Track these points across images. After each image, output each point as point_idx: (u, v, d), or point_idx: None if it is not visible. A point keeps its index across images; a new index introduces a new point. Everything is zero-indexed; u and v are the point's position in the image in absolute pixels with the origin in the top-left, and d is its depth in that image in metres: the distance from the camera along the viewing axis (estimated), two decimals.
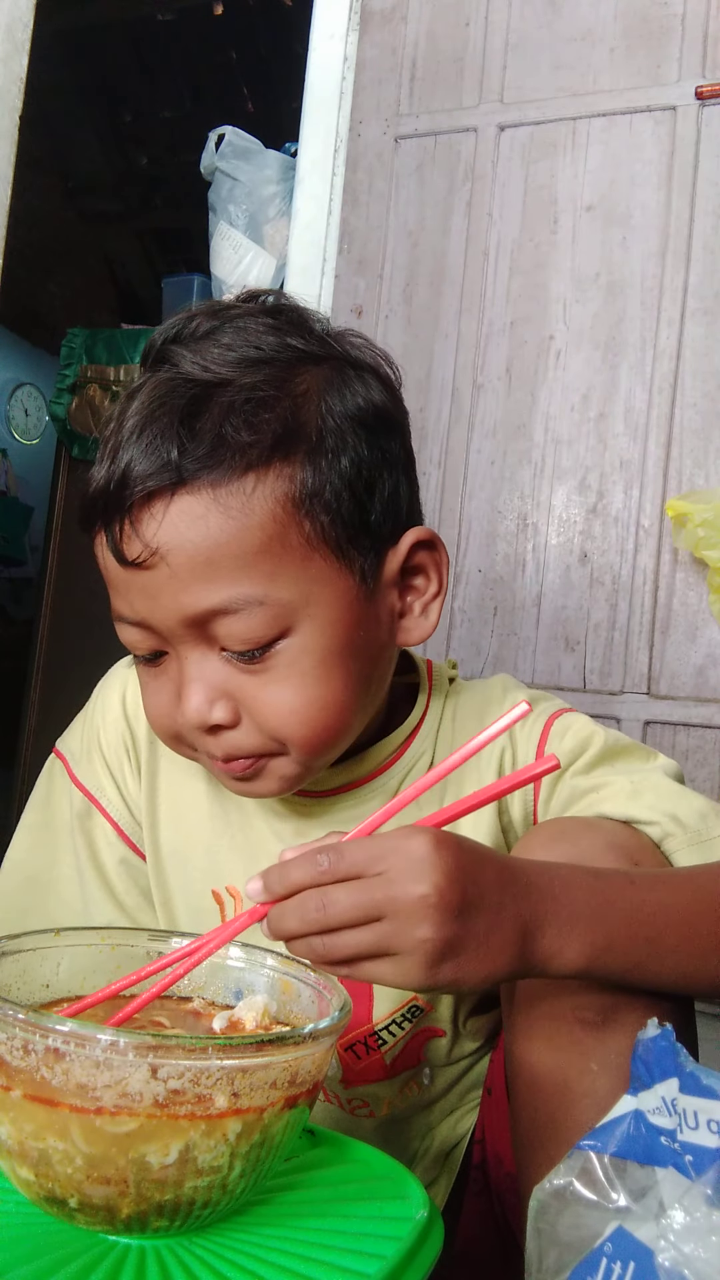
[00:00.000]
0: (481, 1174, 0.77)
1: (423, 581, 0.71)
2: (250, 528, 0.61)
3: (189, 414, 0.61)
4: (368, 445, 0.66)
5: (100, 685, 0.84)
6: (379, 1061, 0.78)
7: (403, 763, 0.76)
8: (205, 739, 0.66)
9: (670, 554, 1.56)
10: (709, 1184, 0.47)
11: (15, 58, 1.66)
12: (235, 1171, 0.47)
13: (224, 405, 0.62)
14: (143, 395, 0.63)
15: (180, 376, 0.63)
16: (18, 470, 4.25)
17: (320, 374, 0.66)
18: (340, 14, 1.89)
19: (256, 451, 0.62)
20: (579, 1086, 0.60)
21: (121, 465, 0.62)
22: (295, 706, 0.64)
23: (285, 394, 0.64)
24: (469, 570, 1.69)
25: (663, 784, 0.71)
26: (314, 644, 0.64)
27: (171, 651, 0.65)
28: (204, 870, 0.78)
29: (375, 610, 0.68)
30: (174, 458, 0.60)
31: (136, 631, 0.66)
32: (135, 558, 0.62)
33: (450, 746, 0.77)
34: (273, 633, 0.63)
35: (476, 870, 0.54)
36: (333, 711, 0.65)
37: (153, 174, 3.65)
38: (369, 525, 0.67)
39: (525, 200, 1.71)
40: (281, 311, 0.69)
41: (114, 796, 0.80)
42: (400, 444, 0.71)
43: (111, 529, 0.63)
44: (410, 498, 0.72)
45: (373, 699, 0.71)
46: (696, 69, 1.61)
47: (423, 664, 0.81)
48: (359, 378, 0.69)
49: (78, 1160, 0.45)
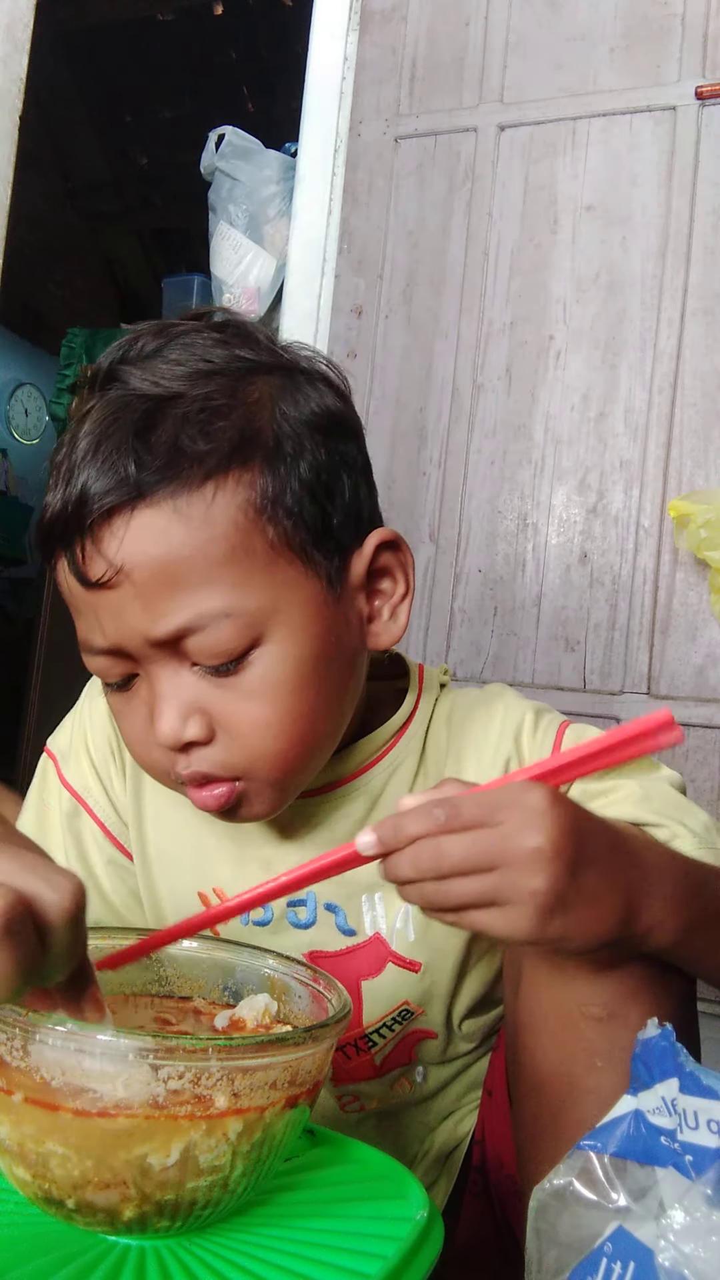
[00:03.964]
0: (481, 1175, 0.77)
1: (389, 584, 0.71)
2: (214, 537, 0.61)
3: (143, 428, 0.61)
4: (325, 449, 0.66)
5: (89, 685, 0.84)
6: (368, 1061, 0.78)
7: (387, 762, 0.76)
8: (178, 758, 0.65)
9: (670, 554, 1.56)
10: (709, 1184, 0.47)
11: (15, 58, 1.66)
12: (237, 1171, 0.47)
13: (178, 417, 0.61)
14: (93, 415, 0.63)
15: (131, 393, 0.63)
16: (18, 470, 4.26)
17: (272, 382, 0.66)
18: (340, 14, 1.89)
19: (214, 460, 0.61)
20: (585, 1082, 0.60)
21: (78, 486, 0.61)
22: (270, 718, 0.64)
23: (239, 402, 0.64)
24: (469, 570, 1.69)
25: (670, 793, 0.71)
26: (286, 652, 0.64)
27: (142, 672, 0.65)
28: (191, 871, 0.78)
29: (344, 615, 0.68)
30: (131, 472, 0.60)
31: (105, 659, 0.65)
32: (99, 578, 0.61)
33: (443, 749, 0.77)
34: (244, 644, 0.62)
35: (590, 830, 0.55)
36: (307, 721, 0.65)
37: (153, 174, 3.65)
38: (331, 529, 0.66)
39: (525, 200, 1.71)
40: (227, 326, 0.69)
41: (100, 797, 0.80)
42: (357, 447, 0.71)
43: (72, 551, 0.62)
44: (371, 501, 0.71)
45: (347, 706, 0.70)
46: (696, 69, 1.61)
47: (414, 667, 0.81)
48: (310, 384, 0.68)
49: (78, 1163, 0.45)
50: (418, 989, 0.76)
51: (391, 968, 0.75)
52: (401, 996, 0.76)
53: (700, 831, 0.68)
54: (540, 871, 0.52)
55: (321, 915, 0.75)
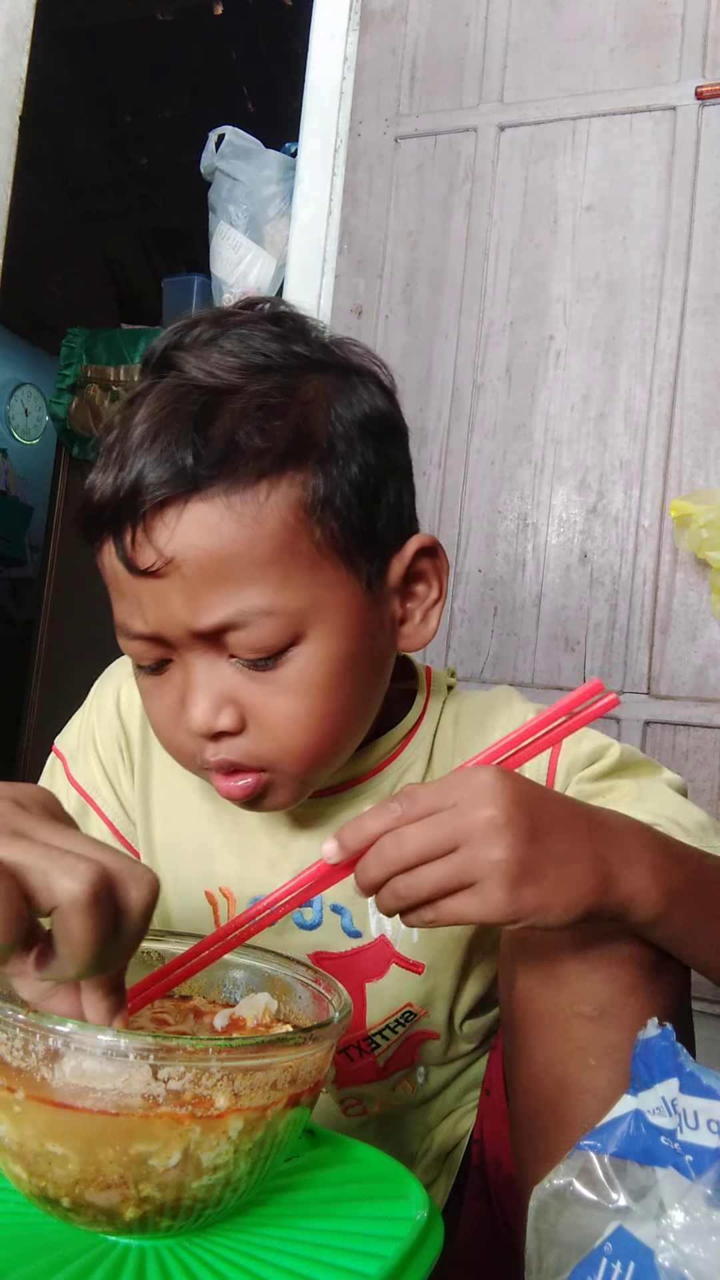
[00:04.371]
0: (480, 1175, 0.77)
1: (424, 588, 0.72)
2: (263, 535, 0.61)
3: (201, 421, 0.61)
4: (375, 452, 0.67)
5: (97, 684, 0.84)
6: (372, 1063, 0.78)
7: (397, 764, 0.76)
8: (206, 745, 0.66)
9: (670, 554, 1.56)
10: (709, 1184, 0.47)
11: (15, 58, 1.66)
12: (241, 1169, 0.47)
13: (236, 412, 0.62)
14: (150, 402, 0.63)
15: (189, 383, 0.63)
16: (18, 470, 4.25)
17: (326, 381, 0.66)
18: (340, 14, 1.89)
19: (269, 459, 0.61)
20: (579, 1081, 0.60)
21: (133, 473, 0.61)
22: (302, 714, 0.64)
23: (295, 401, 0.64)
24: (469, 570, 1.69)
25: (666, 793, 0.71)
26: (323, 651, 0.64)
27: (177, 659, 0.65)
28: (197, 870, 0.78)
29: (380, 616, 0.68)
30: (189, 464, 0.60)
31: (142, 644, 0.65)
32: (148, 566, 0.61)
33: (449, 751, 0.77)
34: (283, 640, 0.63)
35: (543, 799, 0.55)
36: (337, 719, 0.66)
37: (153, 174, 3.65)
38: (375, 532, 0.67)
39: (525, 200, 1.71)
40: (283, 319, 0.69)
41: (109, 796, 0.80)
42: (402, 450, 0.71)
43: (122, 538, 0.62)
44: (412, 505, 0.72)
45: (374, 706, 0.71)
46: (696, 69, 1.61)
47: (421, 670, 0.82)
48: (363, 384, 0.69)
49: (78, 1162, 0.45)
50: (421, 990, 0.76)
51: (395, 969, 0.75)
52: (405, 998, 0.76)
53: (694, 830, 0.68)
54: (498, 840, 0.52)
55: (328, 916, 0.75)
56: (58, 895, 0.43)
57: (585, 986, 0.61)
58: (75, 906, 0.43)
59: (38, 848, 0.44)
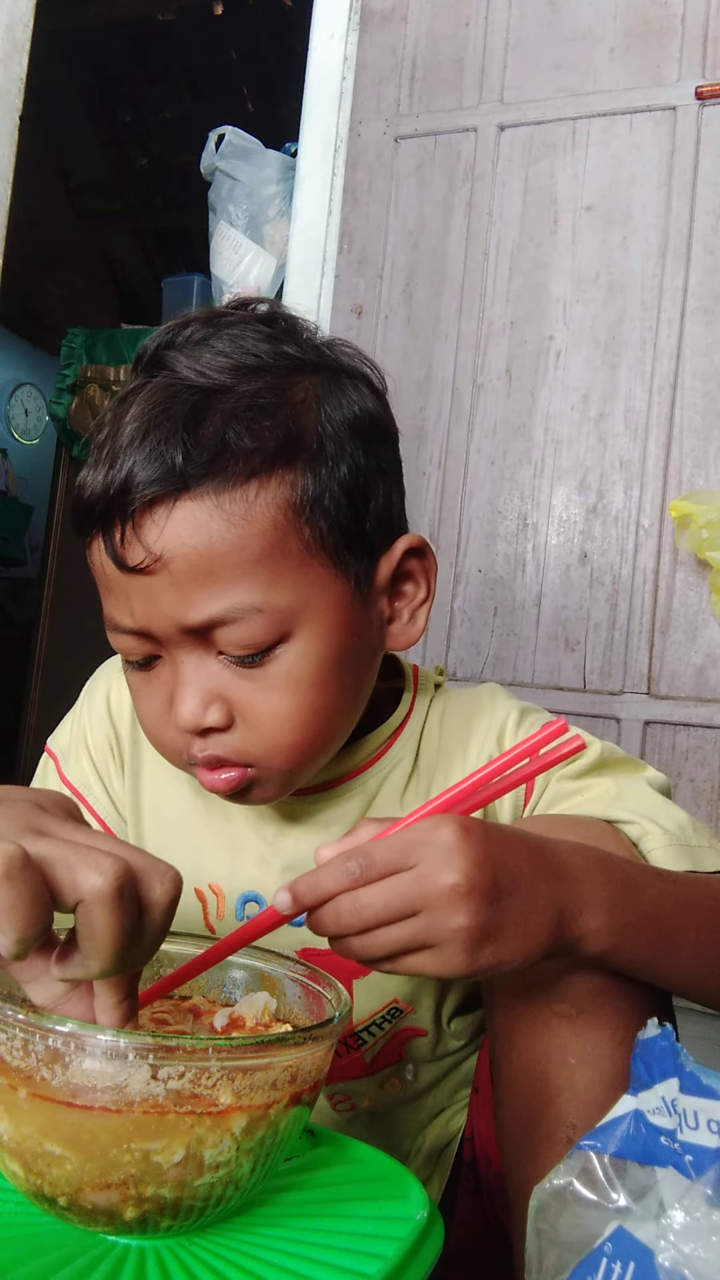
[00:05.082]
0: (472, 1172, 0.77)
1: (412, 588, 0.72)
2: (252, 535, 0.62)
3: (191, 420, 0.61)
4: (364, 453, 0.67)
5: (88, 684, 0.85)
6: (359, 1059, 0.78)
7: (383, 763, 0.76)
8: (194, 740, 0.66)
9: (670, 554, 1.56)
10: (709, 1184, 0.47)
11: (15, 58, 1.66)
12: (244, 1167, 0.47)
13: (226, 412, 0.62)
14: (141, 401, 0.63)
15: (179, 382, 0.63)
16: (18, 470, 4.25)
17: (317, 382, 0.67)
18: (340, 14, 1.89)
19: (259, 459, 0.62)
20: (558, 1080, 0.60)
21: (123, 471, 0.61)
22: (289, 711, 0.64)
23: (285, 401, 0.64)
24: (469, 570, 1.69)
25: (646, 792, 0.71)
26: (311, 649, 0.64)
27: (166, 655, 0.65)
28: (187, 867, 0.78)
29: (367, 615, 0.69)
30: (178, 464, 0.60)
31: (131, 639, 0.65)
32: (137, 564, 0.62)
33: (435, 749, 0.77)
34: (272, 638, 0.63)
35: (506, 854, 0.54)
36: (324, 716, 0.66)
37: (153, 174, 3.65)
38: (364, 533, 0.67)
39: (525, 200, 1.71)
40: (275, 319, 0.69)
41: (100, 794, 0.81)
42: (392, 451, 0.72)
43: (111, 535, 0.63)
44: (401, 505, 0.72)
45: (360, 703, 0.71)
46: (696, 69, 1.61)
47: (409, 668, 0.82)
48: (353, 386, 0.69)
49: (79, 1162, 0.45)
50: (406, 986, 0.76)
51: None
52: (391, 994, 0.76)
53: (672, 829, 0.68)
54: (460, 909, 0.52)
55: None
56: (83, 889, 0.43)
57: (561, 986, 0.61)
58: (99, 900, 0.43)
59: (62, 844, 0.45)
